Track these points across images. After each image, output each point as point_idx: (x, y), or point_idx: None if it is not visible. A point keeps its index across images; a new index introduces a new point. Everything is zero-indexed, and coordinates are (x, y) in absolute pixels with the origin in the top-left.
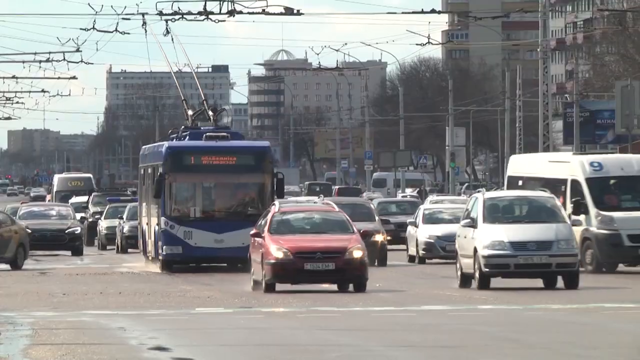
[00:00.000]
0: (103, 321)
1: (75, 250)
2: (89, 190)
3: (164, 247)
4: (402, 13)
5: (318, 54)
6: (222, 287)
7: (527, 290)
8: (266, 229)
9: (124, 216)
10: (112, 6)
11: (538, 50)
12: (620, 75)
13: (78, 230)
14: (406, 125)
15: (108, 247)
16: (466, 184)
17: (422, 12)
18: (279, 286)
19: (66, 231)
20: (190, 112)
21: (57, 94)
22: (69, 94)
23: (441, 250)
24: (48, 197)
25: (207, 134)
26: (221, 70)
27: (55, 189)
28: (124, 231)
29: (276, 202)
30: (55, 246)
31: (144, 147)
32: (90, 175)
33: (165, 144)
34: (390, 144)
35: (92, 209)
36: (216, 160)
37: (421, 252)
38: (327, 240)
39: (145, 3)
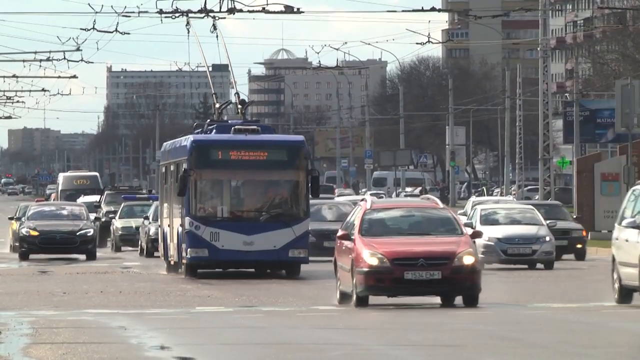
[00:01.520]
0: (103, 320)
1: (88, 253)
2: (95, 189)
3: (188, 249)
4: (402, 11)
5: (318, 53)
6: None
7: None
8: (357, 229)
9: (149, 216)
10: (112, 6)
11: (538, 49)
12: (620, 74)
13: (91, 232)
14: (406, 124)
15: (123, 249)
16: (466, 183)
17: (422, 10)
18: (372, 299)
19: (77, 233)
20: (217, 105)
21: (58, 93)
22: (70, 93)
23: (502, 254)
24: (53, 195)
25: (236, 127)
26: (221, 69)
27: (60, 187)
28: (150, 233)
29: (367, 197)
30: (66, 249)
31: (165, 143)
32: (96, 173)
33: (190, 137)
34: (391, 143)
35: (104, 208)
36: (246, 155)
37: (479, 255)
38: (432, 243)
39: (146, 4)
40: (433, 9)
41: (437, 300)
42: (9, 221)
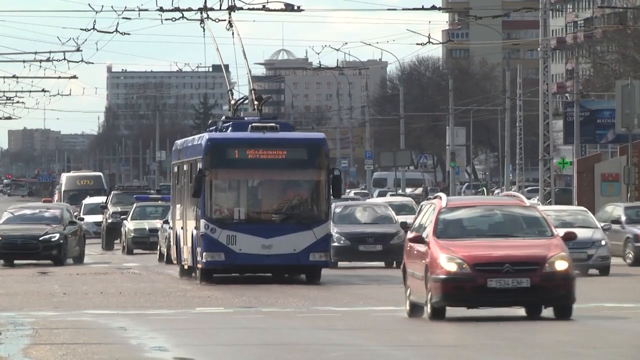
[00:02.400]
0: (103, 321)
1: (54, 259)
2: (99, 189)
3: (204, 253)
4: (403, 10)
5: (318, 54)
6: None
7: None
8: (430, 231)
9: (169, 219)
10: (112, 6)
11: (538, 49)
12: (620, 74)
13: (56, 237)
14: (406, 125)
15: (135, 252)
16: (466, 184)
17: (423, 8)
18: (449, 310)
19: (40, 238)
20: (232, 102)
21: (58, 94)
22: (70, 94)
23: None
24: (56, 196)
25: (253, 124)
26: (221, 70)
27: (63, 188)
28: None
29: (441, 194)
30: (27, 255)
31: (176, 142)
32: (100, 173)
33: (205, 135)
34: (391, 144)
35: (111, 208)
36: (264, 153)
37: None
38: (518, 246)
39: (147, 4)
40: (433, 7)
41: (522, 312)
42: None
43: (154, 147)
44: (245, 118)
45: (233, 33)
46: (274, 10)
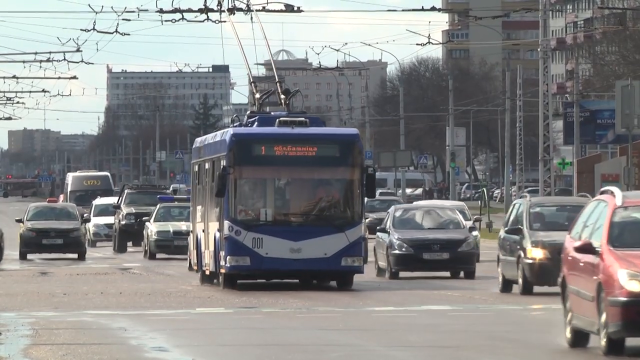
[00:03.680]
0: (103, 321)
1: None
2: (106, 189)
3: (227, 257)
4: (402, 11)
5: (318, 54)
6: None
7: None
8: (604, 238)
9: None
10: (112, 7)
11: (538, 49)
12: (620, 74)
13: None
14: (406, 125)
15: (158, 256)
16: (466, 184)
17: (422, 9)
18: (629, 340)
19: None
20: (257, 95)
21: (58, 94)
22: (70, 94)
23: None
24: (62, 197)
25: (281, 118)
26: (221, 70)
27: (69, 188)
28: None
29: (613, 188)
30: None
31: (197, 139)
32: (107, 173)
33: (230, 130)
34: (391, 144)
35: (124, 209)
36: (292, 150)
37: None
38: None
39: (147, 5)
40: (433, 8)
41: None
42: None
43: (153, 148)
44: (272, 112)
45: (252, 18)
46: (274, 11)
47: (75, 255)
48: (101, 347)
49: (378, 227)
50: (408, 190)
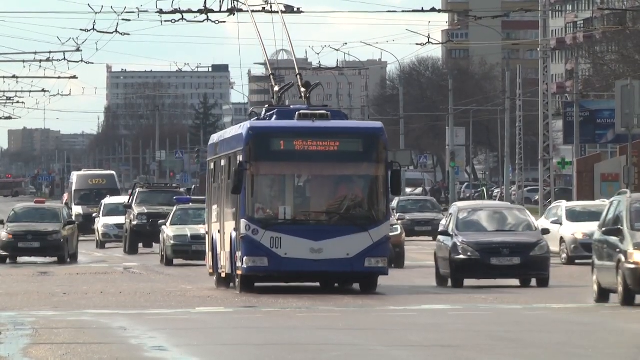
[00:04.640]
0: (103, 321)
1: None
2: (112, 189)
3: (244, 258)
4: (402, 12)
5: (318, 54)
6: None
7: (528, 289)
8: None
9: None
10: (112, 7)
11: (538, 49)
12: (620, 74)
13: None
14: (406, 125)
15: (175, 263)
16: (466, 184)
17: (422, 10)
18: None
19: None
20: (276, 88)
21: (58, 94)
22: (70, 94)
23: None
24: (66, 196)
25: (301, 111)
26: (221, 70)
27: (74, 187)
28: None
29: None
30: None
31: (213, 135)
32: (113, 172)
33: (247, 124)
34: (391, 144)
35: (136, 209)
36: (313, 145)
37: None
38: None
39: (147, 5)
40: (433, 9)
41: None
42: None
43: (153, 147)
44: (291, 106)
45: (271, 6)
46: (274, 12)
47: (55, 259)
48: (101, 346)
49: (439, 230)
50: (408, 190)
